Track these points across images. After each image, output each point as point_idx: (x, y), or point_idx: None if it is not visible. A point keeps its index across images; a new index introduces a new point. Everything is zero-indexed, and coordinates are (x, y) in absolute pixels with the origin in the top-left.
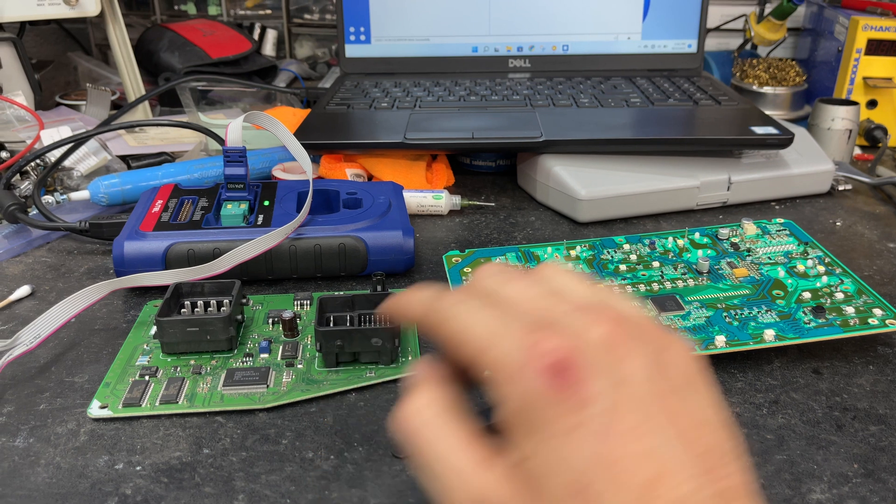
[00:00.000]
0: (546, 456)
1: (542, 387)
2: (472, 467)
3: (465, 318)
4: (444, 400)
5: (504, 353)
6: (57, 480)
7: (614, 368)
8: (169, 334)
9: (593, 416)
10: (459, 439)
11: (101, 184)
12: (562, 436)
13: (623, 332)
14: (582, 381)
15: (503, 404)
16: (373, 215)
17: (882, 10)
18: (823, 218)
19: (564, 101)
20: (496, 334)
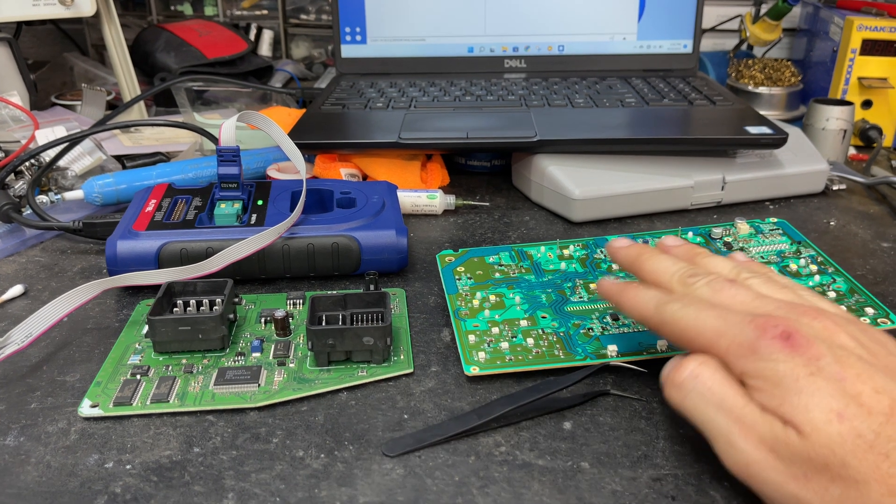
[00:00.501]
0: (801, 397)
1: (776, 349)
2: (758, 413)
3: (693, 317)
4: (715, 361)
5: (736, 336)
6: (47, 479)
7: (828, 339)
8: (161, 333)
9: (825, 366)
10: (740, 390)
11: (95, 183)
12: (805, 377)
13: (825, 317)
14: (808, 344)
15: (745, 374)
16: (366, 215)
17: (877, 10)
18: (817, 218)
19: (559, 101)
20: (727, 324)
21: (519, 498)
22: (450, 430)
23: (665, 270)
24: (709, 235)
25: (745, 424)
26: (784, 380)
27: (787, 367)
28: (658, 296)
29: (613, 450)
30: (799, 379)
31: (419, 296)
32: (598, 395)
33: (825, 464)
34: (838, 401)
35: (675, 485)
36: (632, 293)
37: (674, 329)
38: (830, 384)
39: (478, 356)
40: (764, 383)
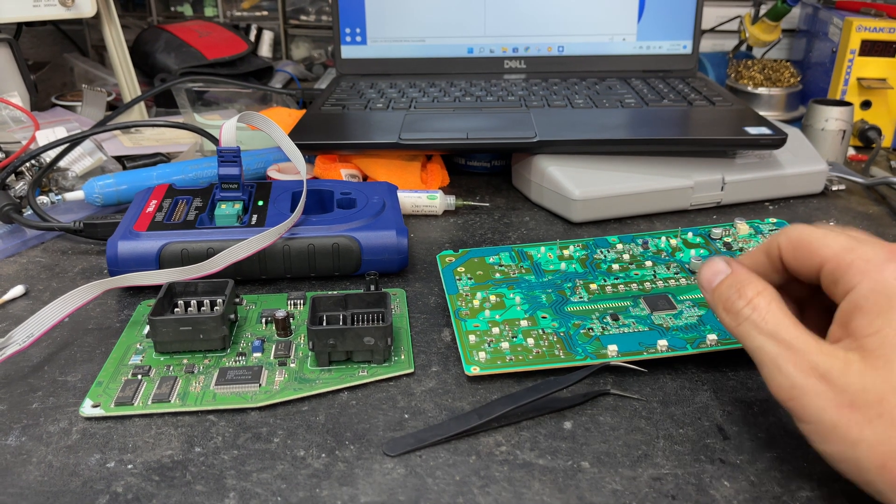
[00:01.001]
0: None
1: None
2: (813, 343)
3: (823, 232)
4: (774, 292)
5: (870, 251)
6: (49, 479)
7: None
8: (162, 333)
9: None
10: (794, 321)
11: (95, 184)
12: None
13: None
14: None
15: (856, 289)
16: (367, 215)
17: (876, 11)
18: (817, 218)
19: (559, 101)
20: (858, 242)
21: (519, 497)
22: (450, 429)
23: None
24: (708, 236)
25: (796, 351)
26: (892, 310)
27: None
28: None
29: (614, 449)
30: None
31: (420, 296)
32: (599, 395)
33: (880, 399)
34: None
35: (675, 484)
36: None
37: (798, 239)
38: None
39: (478, 356)
40: (874, 303)
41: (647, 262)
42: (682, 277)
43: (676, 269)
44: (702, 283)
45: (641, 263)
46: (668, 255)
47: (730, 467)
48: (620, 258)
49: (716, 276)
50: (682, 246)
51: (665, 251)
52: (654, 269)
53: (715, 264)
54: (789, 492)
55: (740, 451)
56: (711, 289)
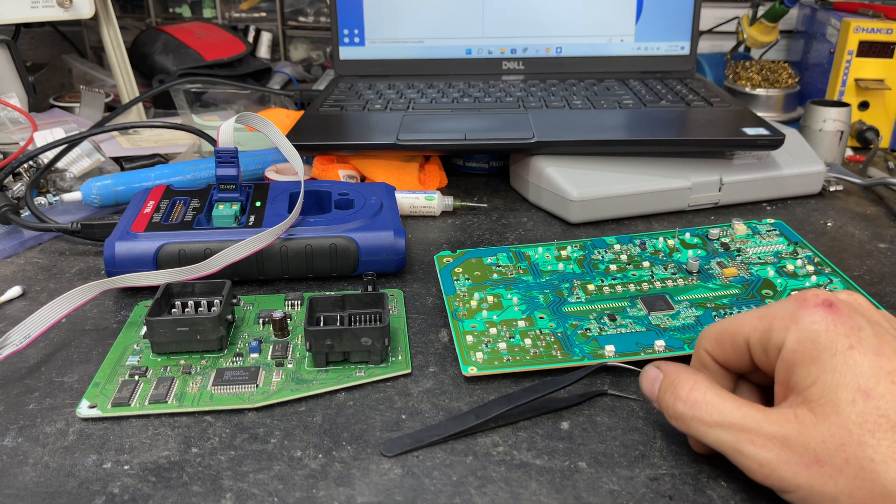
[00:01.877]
0: (832, 373)
1: (819, 317)
2: (760, 416)
3: (733, 317)
4: (705, 380)
5: (780, 310)
6: (45, 480)
7: (864, 315)
8: (159, 334)
9: (864, 338)
10: (736, 402)
11: (93, 185)
12: (844, 352)
13: (859, 297)
14: (850, 313)
15: (784, 346)
16: (364, 216)
17: (874, 12)
18: (815, 218)
19: (557, 102)
20: (768, 308)
21: (516, 498)
22: (447, 430)
23: None
24: (706, 236)
25: (749, 430)
26: (822, 354)
27: (829, 336)
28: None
29: (611, 449)
30: (836, 355)
31: (417, 296)
32: (596, 396)
33: (840, 444)
34: (869, 379)
35: (672, 484)
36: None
37: (716, 335)
38: (866, 359)
39: (475, 356)
40: (802, 354)
41: (644, 263)
42: (680, 278)
43: (674, 269)
44: (646, 396)
45: (639, 264)
46: (666, 256)
47: (727, 467)
48: (618, 259)
49: (653, 383)
50: (679, 246)
51: (663, 252)
52: (651, 270)
53: (649, 373)
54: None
55: None
56: (656, 399)
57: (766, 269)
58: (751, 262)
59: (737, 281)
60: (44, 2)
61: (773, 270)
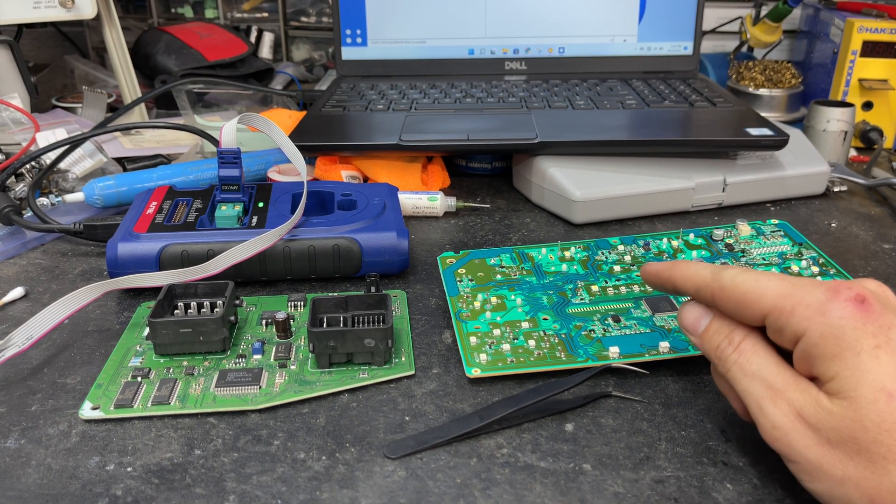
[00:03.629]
0: (854, 370)
1: (849, 313)
2: (791, 380)
3: (756, 279)
4: (757, 334)
5: (807, 296)
6: (48, 481)
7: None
8: (162, 335)
9: (893, 338)
10: (777, 360)
11: (95, 186)
12: (869, 351)
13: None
14: (881, 311)
15: (805, 337)
16: (367, 216)
17: (877, 12)
18: (819, 219)
19: (560, 102)
20: (793, 286)
21: (521, 500)
22: (451, 431)
23: (701, 267)
24: (710, 237)
25: (776, 391)
26: (846, 352)
27: (855, 335)
28: (714, 265)
29: (615, 451)
30: (861, 353)
31: (420, 298)
32: (600, 397)
33: (853, 437)
34: (894, 379)
35: (677, 486)
36: (684, 265)
37: (733, 294)
38: (893, 360)
39: (479, 358)
40: (824, 349)
41: None
42: None
43: None
44: (686, 328)
45: (643, 265)
46: (670, 257)
47: (732, 470)
48: (622, 259)
49: (698, 320)
50: (683, 247)
51: (667, 252)
52: None
53: (695, 309)
54: (792, 494)
55: (743, 453)
56: (699, 334)
57: (770, 269)
58: (755, 262)
59: None
60: (46, 2)
61: (778, 271)
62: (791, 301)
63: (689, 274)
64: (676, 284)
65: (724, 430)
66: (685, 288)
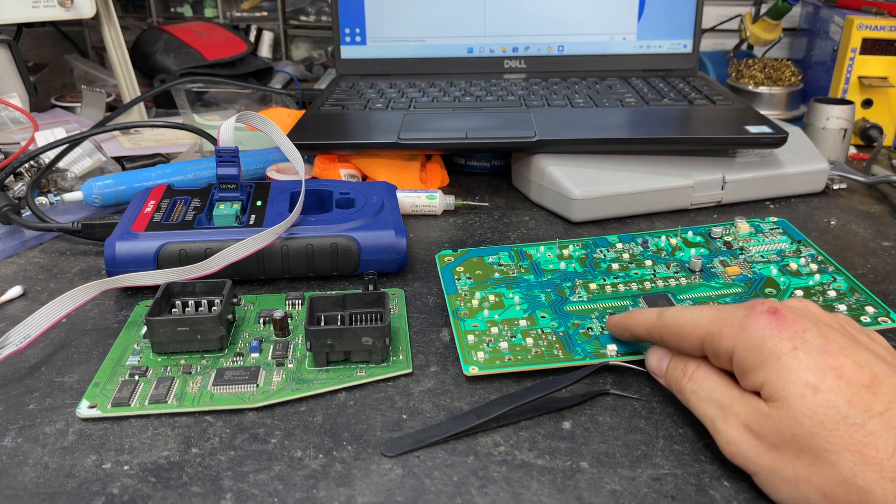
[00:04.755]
0: (779, 372)
1: (763, 324)
2: (736, 396)
3: (691, 313)
4: (708, 364)
5: (731, 318)
6: (44, 480)
7: (814, 318)
8: (159, 334)
9: (809, 339)
10: (726, 382)
11: (94, 185)
12: (788, 353)
13: (812, 306)
14: (794, 319)
15: (734, 353)
16: (365, 215)
17: (877, 9)
18: (818, 217)
19: (559, 101)
20: (720, 313)
21: (518, 498)
22: (449, 430)
23: (648, 312)
24: (709, 235)
25: (725, 408)
26: (768, 358)
27: (773, 342)
28: (658, 309)
29: (613, 449)
30: (781, 356)
31: (418, 296)
32: (598, 395)
33: (793, 434)
34: (815, 374)
35: (674, 484)
36: (636, 312)
37: (674, 329)
38: (812, 357)
39: (477, 356)
40: (751, 360)
41: (646, 262)
42: (682, 277)
43: (676, 268)
44: (652, 370)
45: (641, 263)
46: (668, 255)
47: (729, 467)
48: (620, 257)
49: (661, 362)
50: (682, 245)
51: (665, 250)
52: (653, 269)
53: (656, 353)
54: None
55: None
56: (662, 374)
57: (769, 267)
58: (754, 260)
59: (740, 280)
60: (45, 1)
61: (777, 269)
62: (718, 325)
63: (640, 319)
64: (632, 330)
65: None
66: (639, 332)
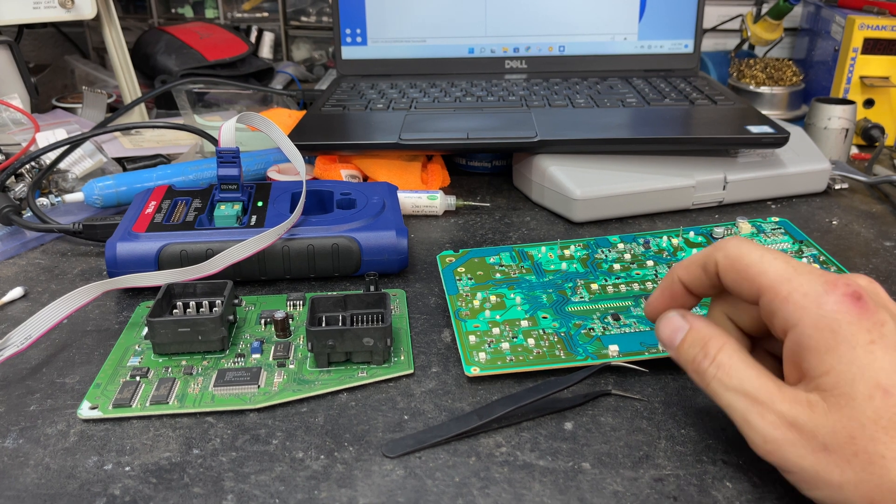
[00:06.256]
0: (850, 365)
1: (845, 308)
2: (775, 391)
3: (761, 253)
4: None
5: (806, 284)
6: (46, 481)
7: (888, 307)
8: (160, 335)
9: (887, 334)
10: (757, 371)
11: (95, 186)
12: (864, 346)
13: (877, 291)
14: (874, 308)
15: (797, 327)
16: (366, 215)
17: (878, 9)
18: (820, 217)
19: (560, 101)
20: (795, 272)
21: (520, 499)
22: (450, 430)
23: (699, 252)
24: (710, 235)
25: (761, 403)
26: (841, 346)
27: (851, 330)
28: (715, 244)
29: (615, 450)
30: (857, 347)
31: (419, 296)
32: (600, 396)
33: (850, 436)
34: (890, 376)
35: (676, 485)
36: (678, 263)
37: (736, 264)
38: (888, 355)
39: (478, 357)
40: (818, 341)
41: (648, 262)
42: None
43: None
44: (663, 341)
45: (643, 263)
46: (670, 255)
47: (732, 468)
48: (622, 258)
49: (675, 333)
50: (683, 245)
51: (667, 251)
52: (655, 269)
53: (672, 321)
54: (792, 492)
55: (743, 451)
56: (675, 347)
57: None
58: None
59: None
60: (46, 2)
61: None
62: (788, 286)
63: (691, 258)
64: (681, 276)
65: (723, 429)
66: (692, 272)
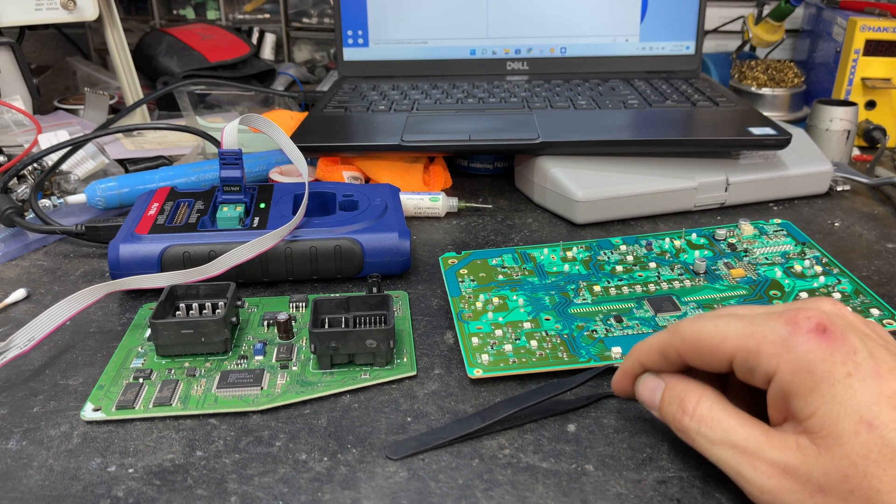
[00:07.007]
0: (832, 404)
1: (814, 345)
2: (763, 439)
3: (714, 324)
4: (711, 393)
5: (769, 332)
6: (49, 483)
7: (856, 330)
8: (163, 337)
9: (861, 362)
10: (741, 419)
11: (97, 187)
12: (842, 381)
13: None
14: (842, 337)
15: (777, 375)
16: (369, 217)
17: (880, 10)
18: (822, 219)
19: (562, 102)
20: (753, 325)
21: (523, 501)
22: (453, 432)
23: (656, 335)
24: (712, 237)
25: (751, 454)
26: (820, 385)
27: (826, 366)
28: (668, 328)
29: (618, 452)
30: (835, 385)
31: (422, 298)
32: (603, 398)
33: (844, 476)
34: (870, 408)
35: (680, 487)
36: (638, 344)
37: (695, 344)
38: (866, 385)
39: (481, 358)
40: (799, 385)
41: (650, 264)
42: (686, 279)
43: (680, 270)
44: (646, 404)
45: (645, 265)
46: (672, 257)
47: None
48: (624, 260)
49: (654, 392)
50: (686, 247)
51: (669, 252)
52: (657, 271)
53: (648, 382)
54: None
55: None
56: (657, 407)
57: (773, 269)
58: (758, 262)
59: (744, 282)
60: (48, 4)
61: (781, 271)
62: (753, 340)
63: (648, 345)
64: (642, 362)
65: None
66: (652, 359)
